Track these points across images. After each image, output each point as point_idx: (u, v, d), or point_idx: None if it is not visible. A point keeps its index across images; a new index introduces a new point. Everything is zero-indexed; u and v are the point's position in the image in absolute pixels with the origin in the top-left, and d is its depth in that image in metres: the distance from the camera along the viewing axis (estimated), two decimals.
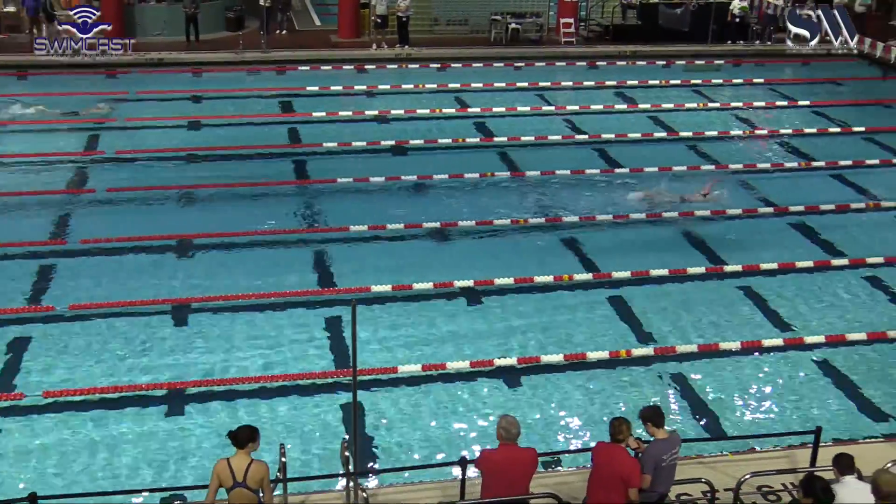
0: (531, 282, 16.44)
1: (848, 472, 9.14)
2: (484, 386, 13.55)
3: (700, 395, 13.49)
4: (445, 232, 18.48)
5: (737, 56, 33.04)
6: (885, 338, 14.99)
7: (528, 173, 21.58)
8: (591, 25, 35.12)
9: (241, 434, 9.07)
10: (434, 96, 27.50)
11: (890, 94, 29.57)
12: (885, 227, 19.49)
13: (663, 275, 16.83)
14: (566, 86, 29.45)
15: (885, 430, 12.74)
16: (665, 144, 24.21)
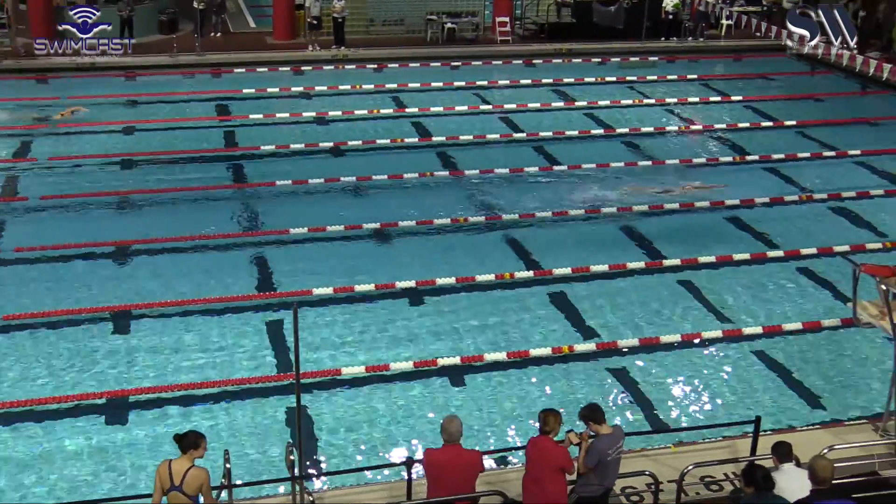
0: (473, 280, 16.48)
1: (786, 460, 9.31)
2: (428, 386, 13.56)
3: (642, 389, 13.64)
4: (386, 232, 18.46)
5: (670, 52, 33.45)
6: (820, 327, 15.27)
7: (467, 172, 21.64)
8: (526, 24, 35.31)
9: (186, 438, 8.99)
10: (371, 97, 27.44)
11: (819, 88, 30.12)
12: (817, 219, 19.85)
13: (604, 270, 16.98)
14: (503, 84, 29.56)
15: (821, 417, 12.99)
16: (602, 141, 24.43)
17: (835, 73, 31.00)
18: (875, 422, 12.25)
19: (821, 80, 31.12)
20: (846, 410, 13.14)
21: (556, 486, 9.32)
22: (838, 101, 28.79)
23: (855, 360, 14.48)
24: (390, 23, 34.03)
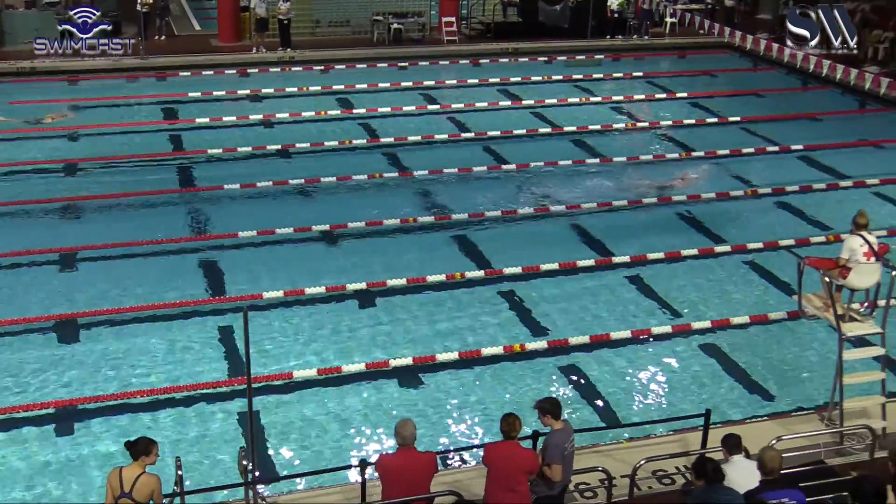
0: (423, 281, 16.49)
1: (736, 452, 9.43)
2: (381, 387, 13.55)
3: (594, 385, 13.73)
4: (335, 234, 18.41)
5: (616, 51, 33.72)
6: (767, 320, 15.48)
7: (415, 173, 21.65)
8: (472, 23, 35.39)
9: (137, 445, 8.90)
10: (318, 98, 27.33)
11: (761, 84, 30.54)
12: (763, 214, 20.12)
13: (554, 269, 17.07)
14: (450, 84, 29.61)
15: (769, 409, 13.18)
16: (550, 139, 24.56)
17: (776, 70, 31.46)
18: (821, 412, 12.47)
19: (763, 77, 31.55)
20: (793, 401, 13.34)
21: (524, 488, 9.35)
22: (781, 98, 29.21)
23: (801, 351, 14.70)
24: (336, 24, 33.93)
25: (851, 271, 11.83)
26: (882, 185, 21.51)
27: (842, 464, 11.33)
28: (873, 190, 21.30)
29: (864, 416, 12.06)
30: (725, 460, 9.36)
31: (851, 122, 26.95)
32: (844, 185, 21.53)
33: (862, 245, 11.84)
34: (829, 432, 11.76)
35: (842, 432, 11.75)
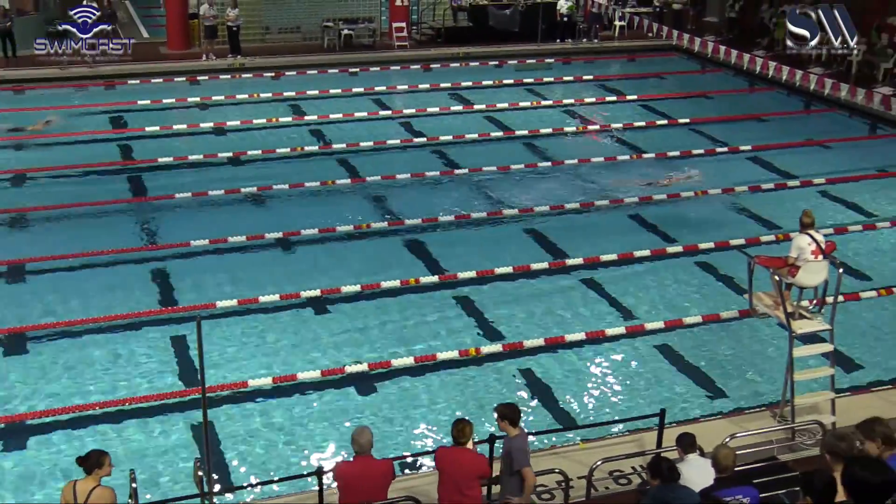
0: (378, 287, 16.46)
1: (691, 451, 9.54)
2: (337, 394, 13.51)
3: (550, 387, 13.79)
4: (289, 242, 18.33)
5: (566, 54, 33.94)
6: (719, 319, 15.64)
7: (368, 178, 21.61)
8: (423, 29, 35.44)
9: (89, 459, 8.81)
10: (270, 105, 27.22)
11: (709, 86, 30.88)
12: (713, 214, 20.32)
13: (508, 272, 17.12)
14: (402, 89, 29.58)
15: (723, 407, 13.32)
16: (502, 143, 24.64)
17: (724, 71, 31.85)
18: (773, 409, 12.64)
19: (711, 78, 31.92)
20: (746, 399, 13.50)
21: (475, 492, 9.38)
22: (728, 98, 29.57)
23: (753, 349, 14.88)
24: (286, 30, 33.81)
25: (800, 269, 12.01)
26: (828, 184, 21.84)
27: (794, 459, 11.49)
28: (819, 189, 21.63)
29: (815, 412, 12.25)
30: (680, 459, 9.46)
31: (797, 123, 27.32)
32: (792, 185, 21.83)
33: (810, 243, 12.02)
34: (782, 428, 11.92)
35: (793, 428, 11.91)
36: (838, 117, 27.36)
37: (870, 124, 26.79)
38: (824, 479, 6.86)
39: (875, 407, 11.86)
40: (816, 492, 6.78)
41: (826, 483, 6.79)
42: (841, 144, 24.97)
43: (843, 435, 8.14)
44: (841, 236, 18.37)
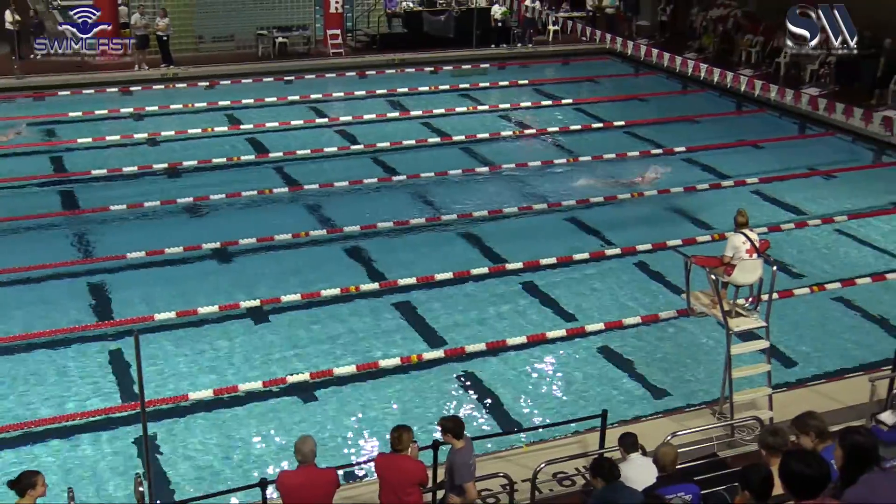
0: (318, 296, 16.38)
1: (633, 450, 9.64)
2: (279, 404, 13.41)
3: (492, 391, 13.84)
4: (227, 252, 18.16)
5: (501, 59, 34.11)
6: (657, 319, 15.82)
7: (306, 187, 21.50)
8: (358, 36, 35.34)
9: (21, 481, 8.63)
10: (205, 115, 26.94)
11: (643, 89, 31.29)
12: (649, 215, 20.58)
13: (448, 277, 17.14)
14: (338, 97, 29.50)
15: (664, 405, 13.47)
16: (439, 149, 24.70)
17: (657, 75, 32.25)
18: (712, 406, 12.83)
19: (645, 81, 32.33)
20: (686, 397, 13.67)
21: (413, 499, 9.38)
22: (662, 101, 29.97)
23: (692, 348, 15.08)
24: (220, 39, 33.43)
25: (735, 268, 12.21)
26: (761, 183, 22.24)
27: (733, 455, 11.66)
28: (752, 188, 22.01)
29: (753, 408, 12.46)
30: (623, 459, 9.55)
31: (730, 124, 27.76)
32: (726, 185, 22.17)
33: (744, 242, 12.23)
34: (721, 425, 12.10)
35: (732, 425, 12.10)
36: (769, 118, 27.87)
37: (799, 124, 27.33)
38: (762, 473, 6.98)
39: (810, 401, 12.07)
40: (754, 486, 6.89)
41: (763, 477, 6.92)
42: (772, 144, 25.44)
43: (776, 430, 8.30)
44: (774, 234, 18.69)
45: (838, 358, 14.81)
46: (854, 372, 14.14)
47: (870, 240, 19.37)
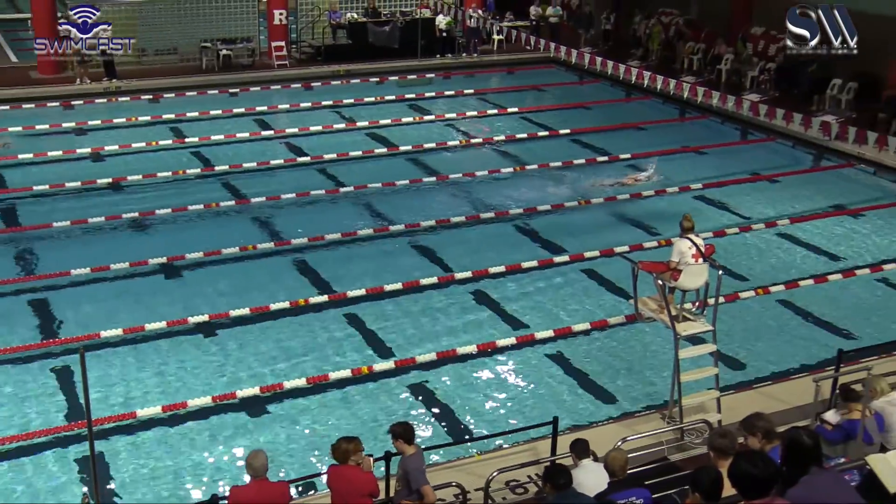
0: (267, 310, 16.27)
1: (584, 456, 9.70)
2: (229, 419, 13.30)
3: (444, 401, 13.85)
4: (173, 267, 17.98)
5: (446, 69, 34.20)
6: (606, 325, 15.95)
7: (252, 200, 21.36)
8: (302, 47, 35.23)
9: None
10: (149, 129, 26.65)
11: (587, 97, 31.54)
12: (596, 222, 20.73)
13: (397, 288, 17.12)
14: (283, 108, 29.37)
15: (615, 411, 13.58)
16: (386, 159, 24.69)
17: (601, 82, 32.54)
18: (662, 410, 12.94)
19: (589, 89, 32.58)
20: (636, 402, 13.78)
21: None
22: (607, 109, 30.22)
23: (640, 353, 15.20)
24: (163, 52, 33.12)
25: (682, 273, 12.34)
26: (705, 188, 22.52)
27: (683, 458, 11.76)
28: (697, 194, 22.28)
29: (702, 411, 12.59)
30: (575, 465, 9.60)
31: (673, 130, 28.09)
32: (671, 191, 22.40)
33: (690, 247, 12.38)
34: (671, 429, 12.20)
35: (682, 428, 12.21)
36: (711, 124, 28.25)
37: (741, 129, 27.75)
38: (711, 475, 7.07)
39: (757, 403, 12.27)
40: (705, 488, 6.98)
41: (713, 479, 7.01)
42: (715, 150, 25.77)
43: (724, 432, 8.42)
44: (719, 239, 18.95)
45: (783, 359, 15.03)
46: (799, 373, 14.35)
47: (812, 242, 19.70)
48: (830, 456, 10.16)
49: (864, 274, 18.16)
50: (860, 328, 16.02)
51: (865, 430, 10.59)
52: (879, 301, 17.28)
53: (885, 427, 10.73)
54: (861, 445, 10.49)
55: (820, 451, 7.12)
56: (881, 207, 21.83)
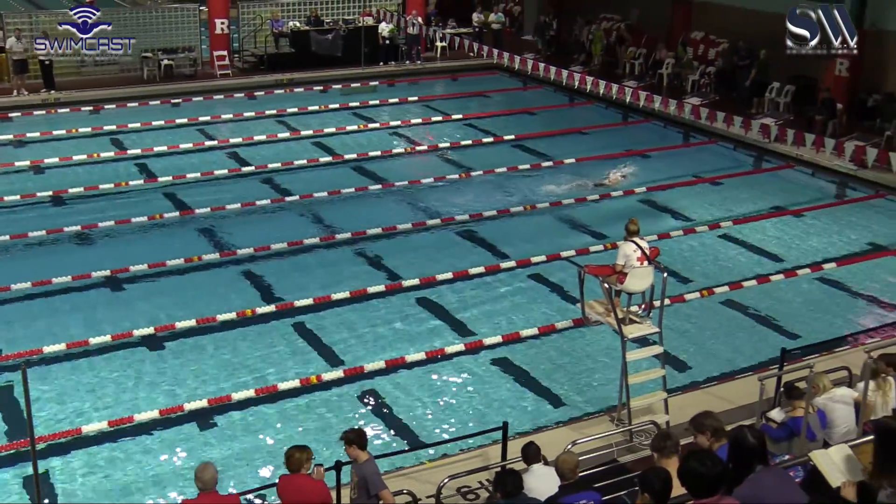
0: (214, 321, 16.13)
1: (535, 461, 9.74)
2: (178, 432, 13.15)
3: (393, 409, 13.82)
4: (117, 280, 17.75)
5: (390, 76, 34.19)
6: (554, 329, 16.02)
7: (197, 211, 21.16)
8: (245, 56, 34.99)
9: None
10: (89, 141, 26.27)
11: (531, 102, 31.71)
12: (542, 227, 20.84)
13: (345, 297, 17.07)
14: (227, 118, 29.12)
15: (565, 415, 13.64)
16: (331, 168, 24.60)
17: (545, 88, 32.74)
18: (611, 413, 13.04)
19: (533, 95, 32.77)
20: (586, 405, 13.85)
21: None
22: (550, 114, 30.42)
23: (589, 356, 15.30)
24: (103, 63, 32.66)
25: (628, 276, 12.44)
26: (649, 192, 22.74)
27: (633, 460, 11.86)
28: (641, 197, 22.49)
29: (650, 413, 12.70)
30: (525, 470, 9.63)
31: (617, 134, 28.33)
32: (616, 195, 22.59)
33: (635, 250, 12.49)
34: (620, 431, 12.30)
35: (631, 430, 12.30)
36: (654, 127, 28.55)
37: (683, 133, 28.08)
38: (661, 475, 7.13)
39: (704, 403, 12.37)
40: (655, 489, 7.04)
41: (663, 480, 7.07)
42: (658, 153, 26.05)
43: (667, 434, 8.52)
44: (664, 242, 19.14)
45: (729, 359, 15.22)
46: (744, 372, 14.55)
47: (754, 243, 19.97)
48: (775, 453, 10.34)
49: (805, 273, 18.46)
50: (802, 327, 16.28)
51: (809, 427, 10.79)
52: (820, 300, 17.57)
53: (827, 423, 10.93)
54: (805, 442, 10.68)
55: (765, 449, 7.22)
56: (819, 208, 22.24)
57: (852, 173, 23.55)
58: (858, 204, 22.68)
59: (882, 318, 16.68)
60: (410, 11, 35.79)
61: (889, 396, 11.13)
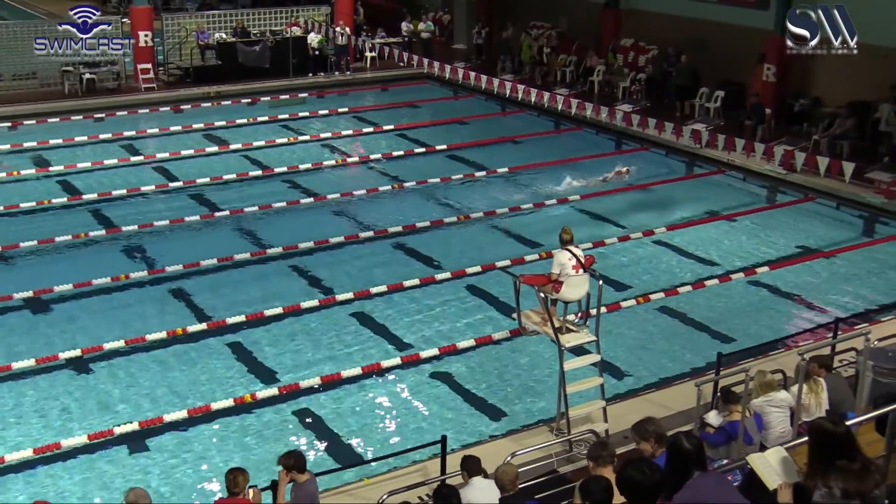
0: (143, 341, 15.71)
1: (475, 473, 9.58)
2: (107, 457, 12.77)
3: (330, 426, 13.58)
4: (40, 301, 17.22)
5: (320, 87, 33.89)
6: (491, 340, 15.90)
7: (124, 228, 20.64)
8: (170, 69, 34.42)
9: None
10: (9, 158, 25.56)
11: (463, 112, 31.65)
12: (476, 237, 20.74)
13: (278, 313, 16.76)
14: (152, 133, 28.52)
15: (504, 426, 13.51)
16: (261, 182, 24.23)
17: (476, 97, 32.69)
18: (550, 423, 12.94)
19: (464, 104, 32.71)
20: (525, 416, 13.75)
21: None
22: (482, 123, 30.35)
23: (526, 367, 15.20)
24: (22, 77, 31.86)
25: (563, 285, 12.36)
26: (582, 199, 22.77)
27: (573, 470, 11.77)
28: (575, 206, 22.52)
29: (589, 422, 12.64)
30: (465, 483, 9.48)
31: (549, 142, 28.35)
32: (549, 203, 22.58)
33: (570, 259, 12.41)
34: (559, 441, 12.20)
35: (570, 440, 12.22)
36: (587, 135, 28.65)
37: (615, 140, 28.22)
38: (602, 484, 7.00)
39: (643, 410, 12.34)
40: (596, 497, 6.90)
41: (603, 488, 6.94)
42: (591, 161, 26.05)
43: (604, 443, 8.47)
44: (599, 249, 19.14)
45: (666, 365, 15.25)
46: (681, 378, 14.56)
47: (688, 249, 20.08)
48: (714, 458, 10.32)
49: (739, 278, 18.59)
50: (738, 331, 16.37)
51: (746, 431, 10.81)
52: (754, 304, 17.71)
53: (763, 426, 10.97)
54: (742, 446, 10.70)
55: (702, 454, 7.17)
56: (752, 212, 22.46)
57: (782, 177, 23.83)
58: (789, 207, 22.97)
59: (814, 320, 16.84)
60: (338, 22, 35.55)
61: (821, 397, 11.25)
